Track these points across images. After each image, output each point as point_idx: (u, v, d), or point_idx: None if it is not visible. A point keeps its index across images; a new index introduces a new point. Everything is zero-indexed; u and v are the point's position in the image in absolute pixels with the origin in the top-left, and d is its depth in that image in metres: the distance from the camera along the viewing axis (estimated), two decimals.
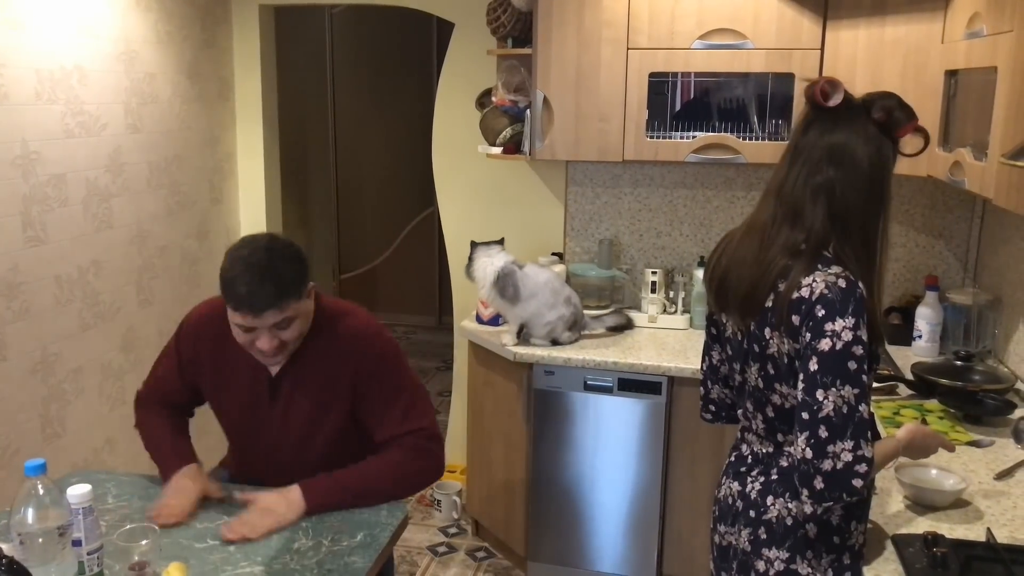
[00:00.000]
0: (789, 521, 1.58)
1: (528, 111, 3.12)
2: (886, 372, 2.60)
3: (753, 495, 1.63)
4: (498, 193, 3.61)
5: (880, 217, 1.54)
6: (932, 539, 1.60)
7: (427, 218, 6.31)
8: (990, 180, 2.02)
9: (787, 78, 2.86)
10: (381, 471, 1.92)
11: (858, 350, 1.43)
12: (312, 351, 1.96)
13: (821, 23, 2.78)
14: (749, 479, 1.66)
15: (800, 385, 1.47)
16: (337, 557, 1.69)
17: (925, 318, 2.89)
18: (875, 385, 2.51)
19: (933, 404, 2.40)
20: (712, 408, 1.86)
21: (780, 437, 1.62)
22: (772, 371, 1.56)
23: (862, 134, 1.52)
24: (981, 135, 2.14)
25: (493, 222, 3.59)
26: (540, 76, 3.03)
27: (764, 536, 1.61)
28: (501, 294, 2.94)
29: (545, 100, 3.04)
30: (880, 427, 2.22)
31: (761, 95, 2.99)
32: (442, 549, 3.43)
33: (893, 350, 2.95)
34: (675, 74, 3.01)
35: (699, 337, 3.14)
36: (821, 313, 1.45)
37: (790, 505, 1.58)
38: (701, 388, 1.87)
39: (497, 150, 3.25)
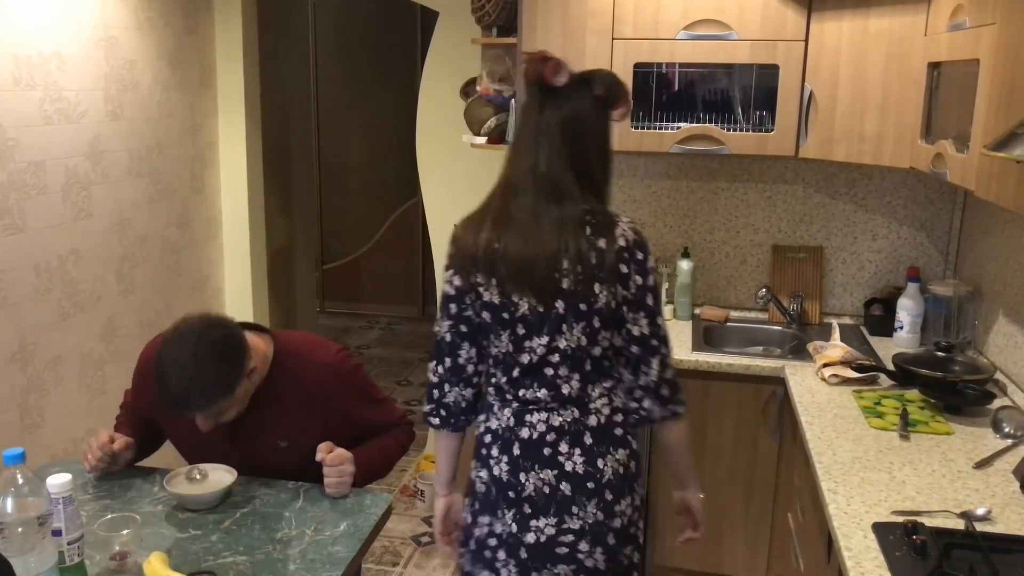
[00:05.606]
0: (621, 470, 1.72)
1: (513, 101, 3.10)
2: (868, 362, 2.62)
3: (579, 469, 1.70)
4: (483, 183, 3.55)
5: (609, 169, 1.79)
6: (912, 527, 1.62)
7: (411, 208, 6.29)
8: (972, 172, 2.03)
9: (771, 69, 2.86)
10: (390, 450, 2.11)
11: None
12: (277, 390, 1.96)
13: (806, 14, 2.78)
14: (562, 457, 1.70)
15: (644, 320, 1.69)
16: (321, 547, 1.69)
17: (906, 309, 2.91)
18: (857, 376, 2.55)
19: (914, 394, 2.43)
20: (443, 413, 1.84)
21: (592, 391, 1.72)
22: (598, 324, 1.69)
23: (589, 108, 1.74)
24: (963, 127, 2.15)
25: None
26: None
27: (610, 496, 1.71)
28: None
29: None
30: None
31: (745, 86, 2.99)
32: (426, 539, 3.43)
33: (875, 341, 2.98)
34: (660, 65, 3.01)
35: (684, 328, 3.18)
36: (640, 255, 1.69)
37: (618, 456, 1.72)
38: (434, 391, 1.82)
39: (482, 140, 3.24)
